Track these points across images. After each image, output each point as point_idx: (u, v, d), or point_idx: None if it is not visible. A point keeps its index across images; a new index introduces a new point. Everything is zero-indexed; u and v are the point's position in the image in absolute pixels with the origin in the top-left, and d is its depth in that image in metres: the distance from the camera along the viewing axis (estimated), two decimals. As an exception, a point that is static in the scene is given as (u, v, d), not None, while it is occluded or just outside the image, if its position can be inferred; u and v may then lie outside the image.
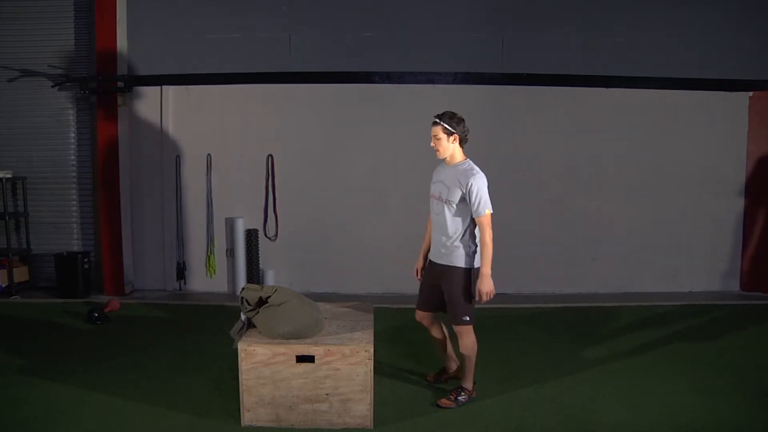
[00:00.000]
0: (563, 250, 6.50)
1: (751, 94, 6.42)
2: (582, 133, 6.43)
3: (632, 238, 6.50)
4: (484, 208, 3.41)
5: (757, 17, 6.30)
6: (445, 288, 3.56)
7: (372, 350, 3.28)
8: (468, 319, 3.55)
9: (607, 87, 6.32)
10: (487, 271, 3.42)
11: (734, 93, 6.39)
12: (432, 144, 3.55)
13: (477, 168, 3.51)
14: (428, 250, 3.78)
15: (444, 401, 3.63)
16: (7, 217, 6.36)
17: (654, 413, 3.51)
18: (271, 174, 6.46)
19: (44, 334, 5.01)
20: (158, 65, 6.35)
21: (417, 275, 3.89)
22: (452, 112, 3.52)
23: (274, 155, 6.44)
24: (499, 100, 6.39)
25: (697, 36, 6.32)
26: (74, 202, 6.69)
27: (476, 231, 3.50)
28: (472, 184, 3.40)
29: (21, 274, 6.49)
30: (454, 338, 3.72)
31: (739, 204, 6.55)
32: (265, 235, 6.51)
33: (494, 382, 3.95)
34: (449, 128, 3.48)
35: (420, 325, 3.88)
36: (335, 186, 6.44)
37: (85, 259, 6.36)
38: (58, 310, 5.70)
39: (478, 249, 3.49)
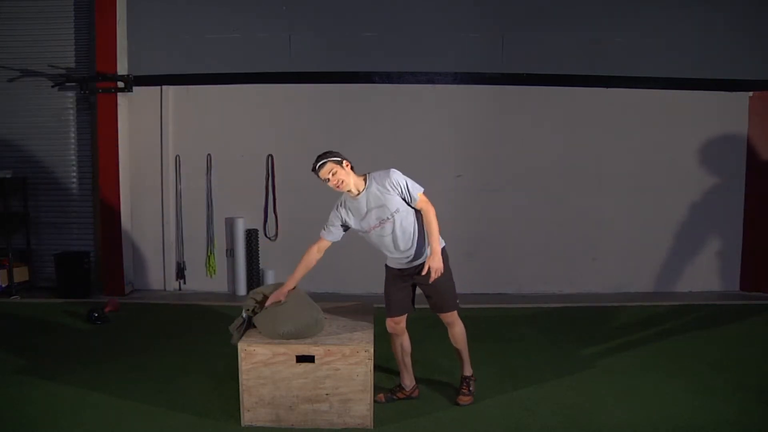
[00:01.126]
0: (563, 250, 6.49)
1: (751, 94, 6.41)
2: (582, 133, 6.42)
3: (632, 238, 6.50)
4: (415, 190, 3.38)
5: (757, 17, 6.30)
6: (430, 282, 3.43)
7: (372, 350, 3.28)
8: (458, 301, 3.61)
9: (607, 87, 6.32)
10: (437, 247, 3.36)
11: (734, 93, 6.39)
12: (335, 185, 3.36)
13: (380, 170, 3.43)
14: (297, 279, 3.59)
15: (462, 399, 3.63)
16: (7, 217, 6.35)
17: (654, 413, 3.51)
18: (271, 174, 6.46)
19: (44, 334, 5.02)
20: (158, 65, 6.35)
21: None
22: (320, 153, 3.37)
23: (274, 155, 6.43)
24: (499, 100, 6.39)
25: (697, 36, 6.31)
26: (74, 202, 6.68)
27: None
28: (395, 181, 3.35)
29: (21, 274, 6.49)
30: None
31: (739, 204, 6.54)
32: (265, 235, 6.50)
33: (494, 382, 3.95)
34: (336, 159, 3.33)
35: (393, 334, 3.65)
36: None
37: (85, 259, 6.36)
38: (58, 310, 5.70)
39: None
